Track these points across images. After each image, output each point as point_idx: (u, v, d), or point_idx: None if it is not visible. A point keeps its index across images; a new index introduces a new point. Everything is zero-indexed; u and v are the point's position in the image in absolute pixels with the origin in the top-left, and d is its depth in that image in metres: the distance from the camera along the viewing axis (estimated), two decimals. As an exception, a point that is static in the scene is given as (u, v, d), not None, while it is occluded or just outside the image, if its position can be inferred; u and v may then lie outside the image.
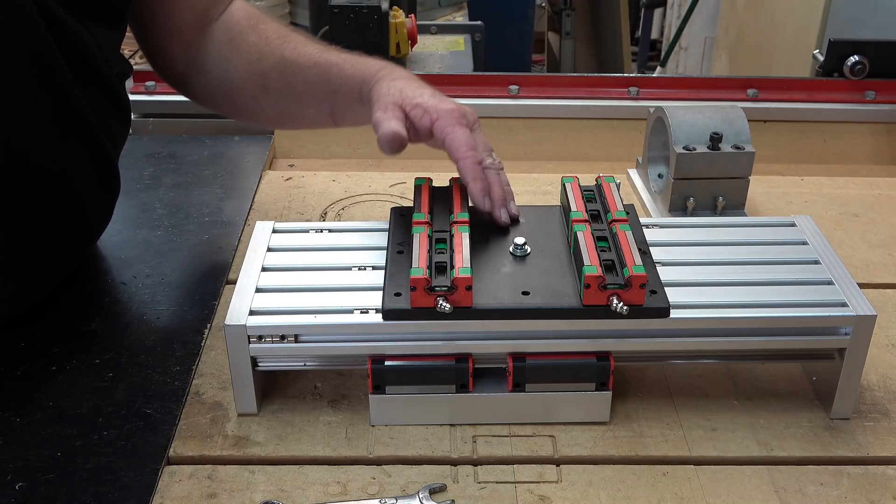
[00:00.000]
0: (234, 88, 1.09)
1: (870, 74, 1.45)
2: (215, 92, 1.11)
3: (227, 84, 1.09)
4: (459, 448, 0.84)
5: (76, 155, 0.96)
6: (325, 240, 0.95)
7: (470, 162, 0.90)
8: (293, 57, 1.03)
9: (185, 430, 0.85)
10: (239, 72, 1.07)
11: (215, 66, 1.08)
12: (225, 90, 1.10)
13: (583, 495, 0.79)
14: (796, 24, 2.54)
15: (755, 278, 0.88)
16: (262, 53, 1.05)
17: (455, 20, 2.46)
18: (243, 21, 1.08)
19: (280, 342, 0.83)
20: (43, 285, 1.00)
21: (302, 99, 1.05)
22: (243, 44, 1.06)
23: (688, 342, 0.84)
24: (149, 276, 1.06)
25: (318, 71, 1.02)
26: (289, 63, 1.04)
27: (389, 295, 0.82)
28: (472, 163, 0.90)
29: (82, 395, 0.88)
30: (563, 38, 3.55)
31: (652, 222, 0.97)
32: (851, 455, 0.84)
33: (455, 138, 0.90)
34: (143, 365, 0.92)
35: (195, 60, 1.09)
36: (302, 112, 1.08)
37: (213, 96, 1.13)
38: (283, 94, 1.06)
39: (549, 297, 0.82)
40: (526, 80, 1.48)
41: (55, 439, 0.83)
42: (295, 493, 0.79)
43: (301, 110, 1.07)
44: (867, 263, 1.13)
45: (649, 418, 0.87)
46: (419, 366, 0.84)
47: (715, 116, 1.16)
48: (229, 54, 1.07)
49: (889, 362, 0.95)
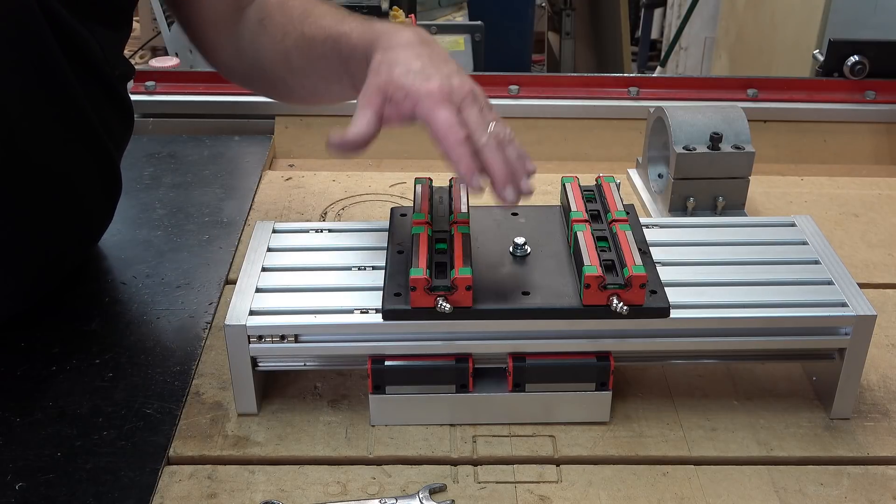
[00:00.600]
0: (266, 70, 1.05)
1: (870, 74, 1.45)
2: (254, 76, 1.08)
3: (260, 67, 1.05)
4: (459, 448, 0.84)
5: (78, 156, 0.96)
6: (325, 240, 0.95)
7: (451, 141, 0.80)
8: (311, 32, 0.98)
9: (185, 430, 0.85)
10: (268, 53, 1.03)
11: (248, 49, 1.05)
12: (259, 73, 1.06)
13: (583, 495, 0.79)
14: (796, 24, 2.53)
15: (755, 278, 0.88)
16: (285, 32, 1.01)
17: (455, 20, 2.46)
18: (274, 1, 1.04)
19: (280, 342, 0.83)
20: (43, 286, 1.00)
21: (324, 75, 0.99)
22: (271, 24, 1.02)
23: (688, 342, 0.84)
24: (149, 276, 1.06)
25: (331, 44, 0.96)
26: (307, 39, 0.98)
27: (389, 295, 0.82)
28: (453, 142, 0.80)
29: (82, 395, 0.88)
30: (563, 38, 3.55)
31: (652, 222, 0.97)
32: (851, 455, 0.84)
33: (434, 120, 0.81)
34: (143, 365, 0.92)
35: (235, 47, 1.06)
36: (328, 89, 1.02)
37: (254, 81, 1.10)
38: (307, 72, 1.01)
39: (549, 297, 0.82)
40: (526, 80, 1.47)
41: (55, 439, 0.83)
42: (295, 493, 0.79)
43: (327, 87, 1.02)
44: (867, 263, 1.13)
45: (649, 418, 0.87)
46: (419, 366, 0.84)
47: (715, 116, 1.16)
48: (259, 36, 1.03)
49: (889, 362, 0.95)
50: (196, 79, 1.46)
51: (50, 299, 1.01)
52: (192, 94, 1.44)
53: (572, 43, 3.56)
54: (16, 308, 0.97)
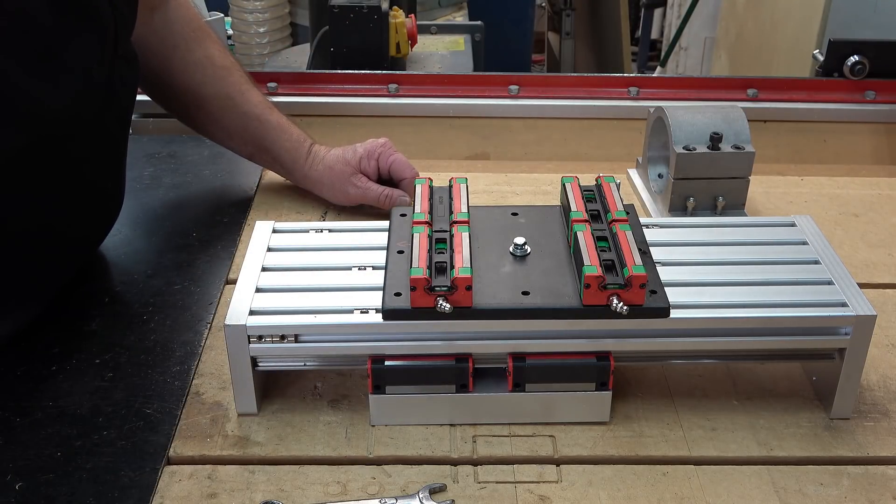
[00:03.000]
0: (172, 87, 1.17)
1: (870, 74, 1.45)
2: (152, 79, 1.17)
3: (166, 81, 1.16)
4: (459, 448, 0.84)
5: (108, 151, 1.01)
6: (325, 240, 0.95)
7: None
8: (239, 100, 1.18)
9: (185, 430, 0.85)
10: (178, 81, 1.16)
11: (155, 61, 1.14)
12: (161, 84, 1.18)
13: (583, 495, 0.79)
14: (796, 24, 2.53)
15: (755, 278, 0.88)
16: (204, 78, 1.16)
17: (455, 20, 2.46)
18: (187, 31, 1.16)
19: (280, 342, 0.83)
20: (53, 289, 1.00)
21: (231, 135, 1.21)
22: (189, 59, 1.16)
23: (688, 342, 0.84)
24: (149, 276, 1.06)
25: (257, 124, 1.18)
26: (234, 104, 1.17)
27: (389, 295, 0.82)
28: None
29: (82, 395, 0.88)
30: (563, 38, 3.55)
31: (652, 222, 0.97)
32: (851, 455, 0.84)
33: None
34: (143, 365, 0.92)
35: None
36: (225, 141, 1.23)
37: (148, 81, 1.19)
38: (217, 121, 1.20)
39: (549, 297, 0.82)
40: (526, 80, 1.48)
41: (55, 439, 0.83)
42: (295, 493, 0.79)
43: (225, 139, 1.22)
44: (867, 263, 1.13)
45: (649, 418, 0.87)
46: (419, 366, 0.84)
47: (715, 116, 1.16)
48: (171, 62, 1.15)
49: (889, 362, 0.95)
50: (196, 79, 1.46)
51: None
52: (192, 94, 1.44)
53: (572, 43, 3.56)
54: (30, 314, 0.96)
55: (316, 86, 1.49)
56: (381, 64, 1.63)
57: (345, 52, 1.62)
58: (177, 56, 1.15)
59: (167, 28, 1.14)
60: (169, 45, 1.15)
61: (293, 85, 1.48)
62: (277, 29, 2.91)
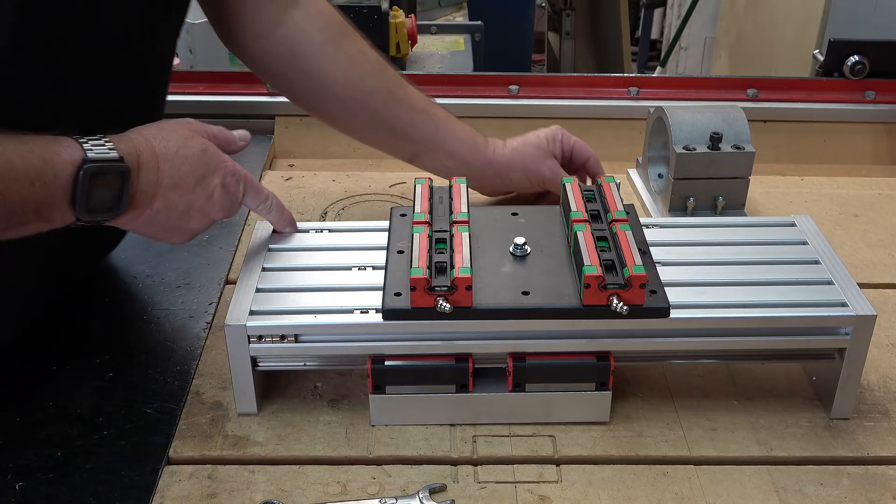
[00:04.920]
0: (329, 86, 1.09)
1: (870, 74, 1.45)
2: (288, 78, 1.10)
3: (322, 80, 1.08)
4: (459, 448, 0.84)
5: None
6: (325, 240, 0.95)
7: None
8: (401, 94, 1.09)
9: (185, 430, 0.85)
10: (336, 77, 1.08)
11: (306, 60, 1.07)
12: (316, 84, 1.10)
13: (583, 495, 0.79)
14: (796, 24, 2.53)
15: (755, 278, 0.88)
16: (363, 72, 1.08)
17: (455, 20, 2.46)
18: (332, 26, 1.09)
19: (280, 342, 0.83)
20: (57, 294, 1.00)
21: (396, 132, 1.11)
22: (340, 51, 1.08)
23: (688, 342, 0.84)
24: (149, 276, 1.06)
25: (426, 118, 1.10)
26: (396, 97, 1.09)
27: (389, 295, 0.82)
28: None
29: (82, 395, 0.88)
30: (563, 38, 3.55)
31: (652, 222, 0.97)
32: (851, 455, 0.83)
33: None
34: (143, 365, 0.92)
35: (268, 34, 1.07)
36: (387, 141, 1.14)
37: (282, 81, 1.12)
38: (381, 118, 1.10)
39: (549, 297, 0.82)
40: (526, 80, 1.47)
41: (55, 439, 0.83)
42: (295, 493, 0.79)
43: (388, 138, 1.13)
44: (867, 263, 1.13)
45: (649, 418, 0.87)
46: (419, 366, 0.84)
47: (715, 116, 1.16)
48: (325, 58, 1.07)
49: (889, 362, 0.95)
50: (196, 79, 1.46)
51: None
52: (193, 94, 1.44)
53: (572, 43, 3.56)
54: (31, 319, 0.96)
55: (316, 86, 1.48)
56: (381, 64, 1.62)
57: (345, 52, 1.62)
58: (329, 52, 1.07)
59: (311, 24, 1.07)
60: (317, 42, 1.07)
61: (293, 85, 1.48)
62: (277, 29, 2.90)
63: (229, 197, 0.88)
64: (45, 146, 0.75)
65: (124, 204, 0.80)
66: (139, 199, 0.81)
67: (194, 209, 0.86)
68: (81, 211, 0.77)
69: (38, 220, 0.76)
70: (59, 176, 0.75)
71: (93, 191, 0.76)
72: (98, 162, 0.76)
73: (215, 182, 0.86)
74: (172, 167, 0.83)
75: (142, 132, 0.83)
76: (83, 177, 0.75)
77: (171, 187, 0.83)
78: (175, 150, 0.84)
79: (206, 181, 0.85)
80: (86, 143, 0.77)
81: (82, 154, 0.76)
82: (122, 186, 0.79)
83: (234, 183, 0.88)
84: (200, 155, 0.85)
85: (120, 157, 0.78)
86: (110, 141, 0.78)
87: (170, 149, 0.83)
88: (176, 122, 0.87)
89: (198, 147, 0.85)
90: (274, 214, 0.94)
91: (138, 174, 0.80)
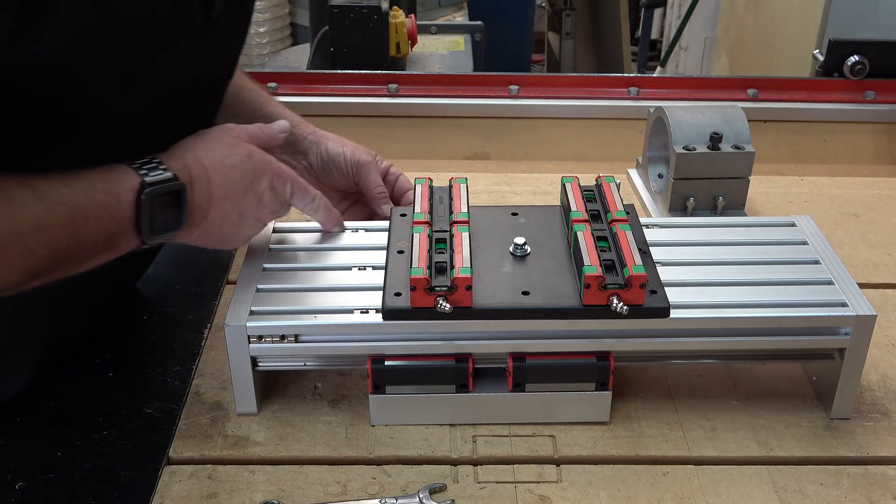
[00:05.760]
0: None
1: (870, 74, 1.45)
2: None
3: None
4: (459, 448, 0.84)
5: None
6: (325, 240, 0.95)
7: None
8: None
9: (185, 430, 0.85)
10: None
11: None
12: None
13: (583, 495, 0.79)
14: (796, 24, 2.53)
15: (755, 278, 0.88)
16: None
17: (455, 20, 2.46)
18: None
19: (280, 342, 0.83)
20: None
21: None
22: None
23: (688, 342, 0.84)
24: (149, 276, 1.06)
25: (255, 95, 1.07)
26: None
27: (389, 295, 0.82)
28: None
29: (82, 395, 0.88)
30: (563, 38, 3.55)
31: (652, 222, 0.97)
32: (851, 455, 0.83)
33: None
34: (143, 365, 0.92)
35: None
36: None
37: None
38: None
39: (549, 297, 0.82)
40: (526, 80, 1.47)
41: (55, 439, 0.83)
42: (295, 493, 0.79)
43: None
44: (867, 263, 1.13)
45: (649, 418, 0.87)
46: (419, 366, 0.84)
47: (715, 116, 1.16)
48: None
49: (889, 362, 0.95)
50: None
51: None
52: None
53: (572, 43, 3.56)
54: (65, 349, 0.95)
55: (316, 86, 1.49)
56: (381, 64, 1.63)
57: (345, 52, 1.62)
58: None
59: None
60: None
61: (293, 85, 1.48)
62: (277, 29, 2.91)
63: (278, 198, 0.89)
64: (104, 178, 0.76)
65: (184, 221, 0.81)
66: (195, 214, 0.83)
67: (246, 215, 0.87)
68: (147, 234, 0.78)
69: (106, 251, 0.78)
70: (123, 204, 0.76)
71: (155, 213, 0.78)
72: (156, 184, 0.78)
73: (263, 185, 0.87)
74: (222, 177, 0.84)
75: (187, 147, 0.84)
76: (145, 201, 0.77)
77: (223, 197, 0.85)
78: (222, 160, 0.85)
79: (255, 186, 0.87)
80: (140, 169, 0.78)
81: (139, 179, 0.77)
82: (179, 204, 0.80)
83: (282, 184, 0.89)
84: (246, 160, 0.86)
85: (174, 176, 0.79)
86: (161, 162, 0.80)
87: (217, 159, 0.84)
88: (217, 130, 0.88)
89: (243, 153, 0.87)
90: (321, 214, 0.94)
91: (192, 189, 0.82)
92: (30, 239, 0.71)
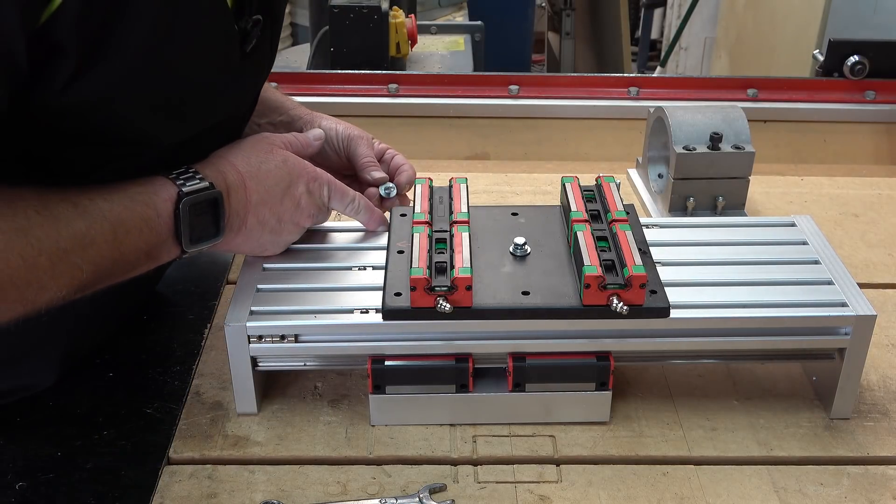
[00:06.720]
0: None
1: (870, 74, 1.45)
2: None
3: None
4: (459, 448, 0.84)
5: None
6: (326, 240, 0.95)
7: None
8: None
9: (185, 430, 0.85)
10: None
11: None
12: None
13: (583, 495, 0.79)
14: (796, 24, 2.54)
15: (755, 278, 0.88)
16: None
17: (455, 20, 2.47)
18: None
19: (280, 342, 0.83)
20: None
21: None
22: None
23: (688, 342, 0.84)
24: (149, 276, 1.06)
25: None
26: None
27: (389, 295, 0.82)
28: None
29: (82, 395, 0.88)
30: (563, 38, 3.55)
31: (652, 222, 0.97)
32: (851, 455, 0.83)
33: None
34: (143, 365, 0.92)
35: None
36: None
37: None
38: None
39: (549, 296, 0.82)
40: (526, 80, 1.48)
41: (55, 439, 0.83)
42: (295, 493, 0.79)
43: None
44: (867, 263, 1.13)
45: (649, 418, 0.87)
46: (419, 366, 0.84)
47: (715, 116, 1.16)
48: None
49: (889, 362, 0.95)
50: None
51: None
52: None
53: (572, 43, 3.56)
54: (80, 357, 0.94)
55: (316, 86, 1.49)
56: (381, 64, 1.63)
57: (345, 52, 1.62)
58: None
59: None
60: None
61: (293, 85, 1.48)
62: (277, 29, 2.90)
63: (315, 202, 0.89)
64: (143, 190, 0.77)
65: (223, 228, 0.82)
66: (233, 221, 0.83)
67: (285, 220, 0.88)
68: (187, 243, 0.79)
69: (148, 262, 0.79)
70: (162, 215, 0.77)
71: (194, 222, 0.79)
72: (193, 194, 0.78)
73: (300, 190, 0.88)
74: (258, 183, 0.85)
75: (223, 155, 0.85)
76: (183, 210, 0.77)
77: (260, 203, 0.85)
78: (258, 167, 0.85)
79: (292, 191, 0.87)
80: (177, 179, 0.79)
81: (177, 189, 0.78)
82: (217, 212, 0.81)
83: (318, 188, 0.89)
84: (282, 166, 0.87)
85: (210, 185, 0.80)
86: (197, 171, 0.80)
87: (252, 166, 0.85)
88: (252, 138, 0.89)
89: (278, 159, 0.87)
90: (363, 214, 0.94)
91: (228, 197, 0.82)
92: (75, 256, 0.72)
